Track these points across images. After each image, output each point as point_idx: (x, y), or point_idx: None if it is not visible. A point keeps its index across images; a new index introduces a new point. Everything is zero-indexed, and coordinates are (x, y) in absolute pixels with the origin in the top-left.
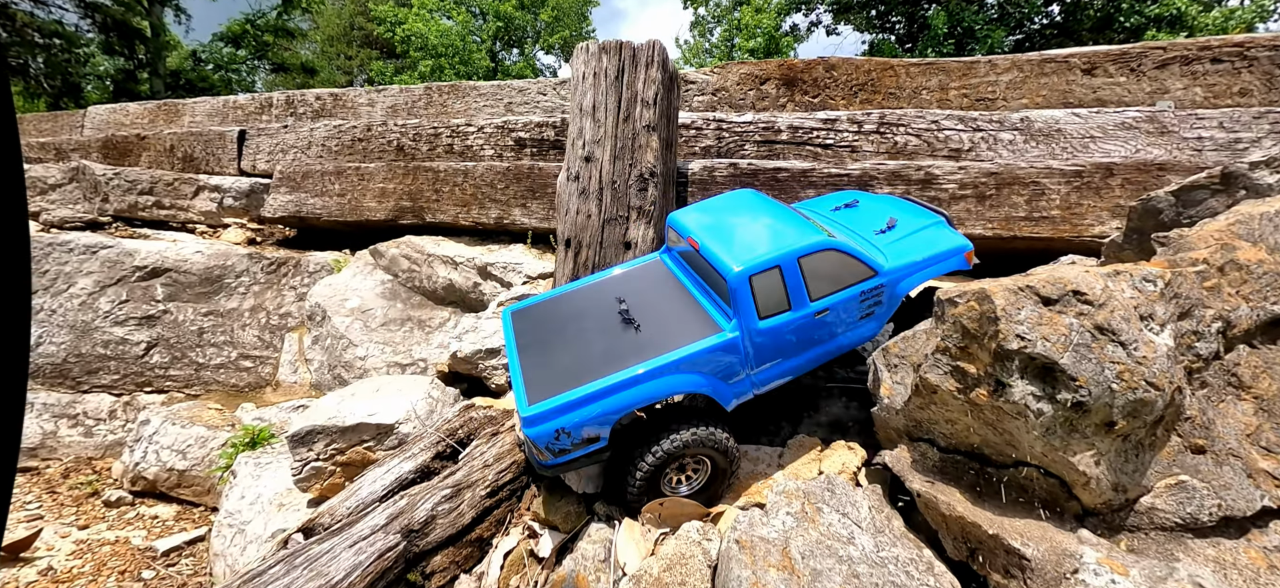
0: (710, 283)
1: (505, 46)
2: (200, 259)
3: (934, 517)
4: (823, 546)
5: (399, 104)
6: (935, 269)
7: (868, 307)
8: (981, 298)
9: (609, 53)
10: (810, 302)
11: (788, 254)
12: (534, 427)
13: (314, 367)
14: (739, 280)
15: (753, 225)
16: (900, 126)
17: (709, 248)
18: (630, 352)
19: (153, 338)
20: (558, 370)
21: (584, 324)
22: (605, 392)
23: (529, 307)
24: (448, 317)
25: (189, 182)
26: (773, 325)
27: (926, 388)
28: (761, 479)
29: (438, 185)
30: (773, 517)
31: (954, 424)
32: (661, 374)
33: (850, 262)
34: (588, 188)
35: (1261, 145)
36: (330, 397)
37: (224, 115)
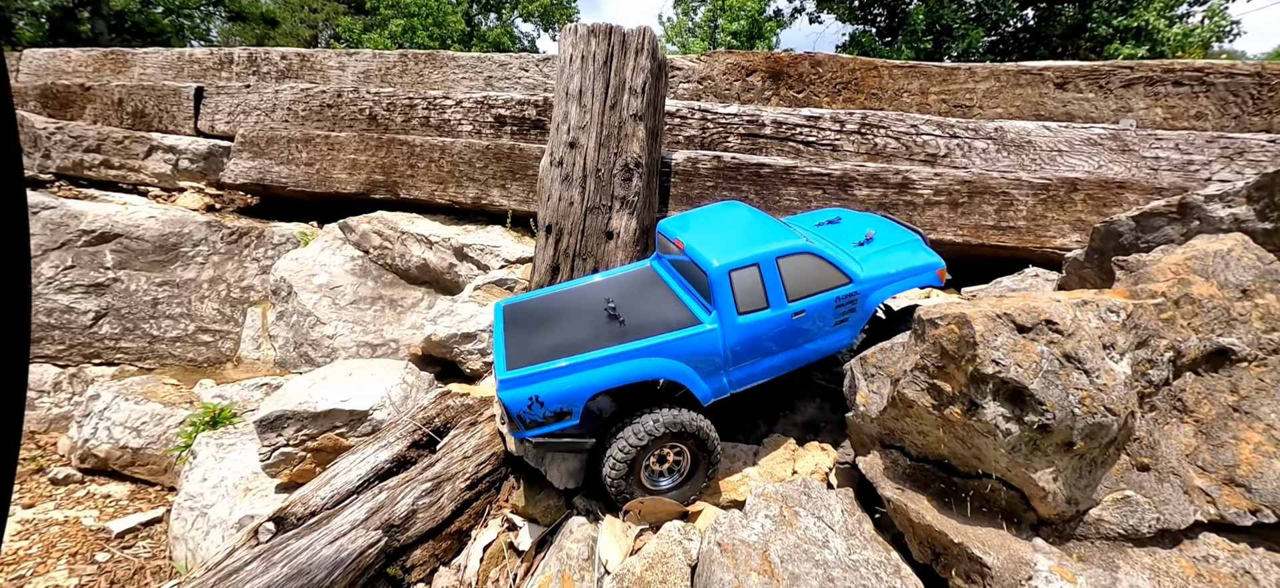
0: (694, 282)
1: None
2: (154, 225)
3: (902, 521)
4: (800, 549)
5: (372, 70)
6: (907, 283)
7: (842, 314)
8: (961, 322)
9: (598, 36)
10: (787, 303)
11: (767, 254)
12: (509, 390)
13: (278, 344)
14: (719, 274)
15: (736, 230)
16: (881, 129)
17: (693, 247)
18: (611, 339)
19: (102, 307)
20: (538, 348)
21: (571, 317)
22: (580, 366)
23: (521, 302)
24: (421, 297)
25: (141, 140)
26: (750, 322)
27: (903, 401)
28: (737, 475)
29: (413, 160)
30: (752, 519)
31: (925, 436)
32: (637, 356)
33: (826, 268)
34: (571, 174)
35: (1211, 168)
36: (300, 379)
37: (179, 69)
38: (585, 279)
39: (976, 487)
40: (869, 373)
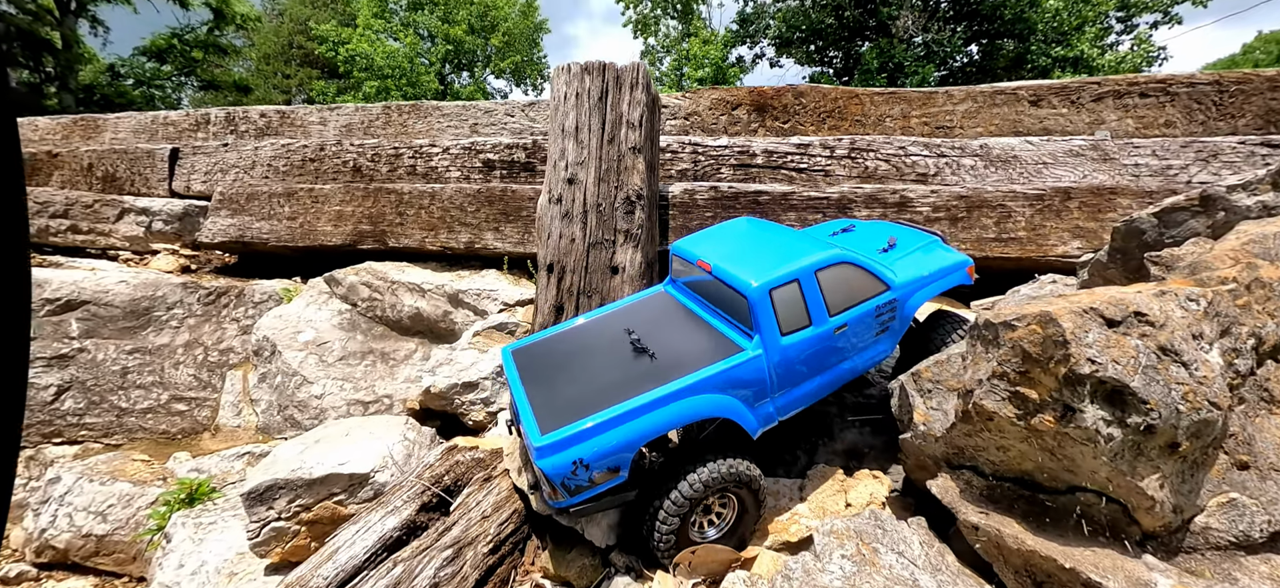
0: (725, 306)
1: (455, 70)
2: (125, 289)
3: (989, 549)
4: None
5: (355, 123)
6: (942, 283)
7: (882, 323)
8: (1045, 321)
9: (592, 73)
10: (829, 317)
11: (805, 268)
12: (548, 458)
13: (261, 408)
14: (760, 295)
15: (763, 246)
16: (870, 152)
17: (723, 269)
18: (647, 378)
19: (64, 381)
20: (570, 400)
21: (593, 357)
22: (626, 416)
23: (530, 344)
24: (414, 348)
25: (111, 204)
26: (795, 342)
27: (980, 414)
28: (785, 514)
29: (402, 208)
30: (827, 561)
31: (1006, 452)
32: (685, 396)
33: (864, 276)
34: (571, 211)
35: (1189, 171)
36: (291, 444)
37: (153, 132)
38: (596, 313)
39: (1067, 503)
40: (924, 389)
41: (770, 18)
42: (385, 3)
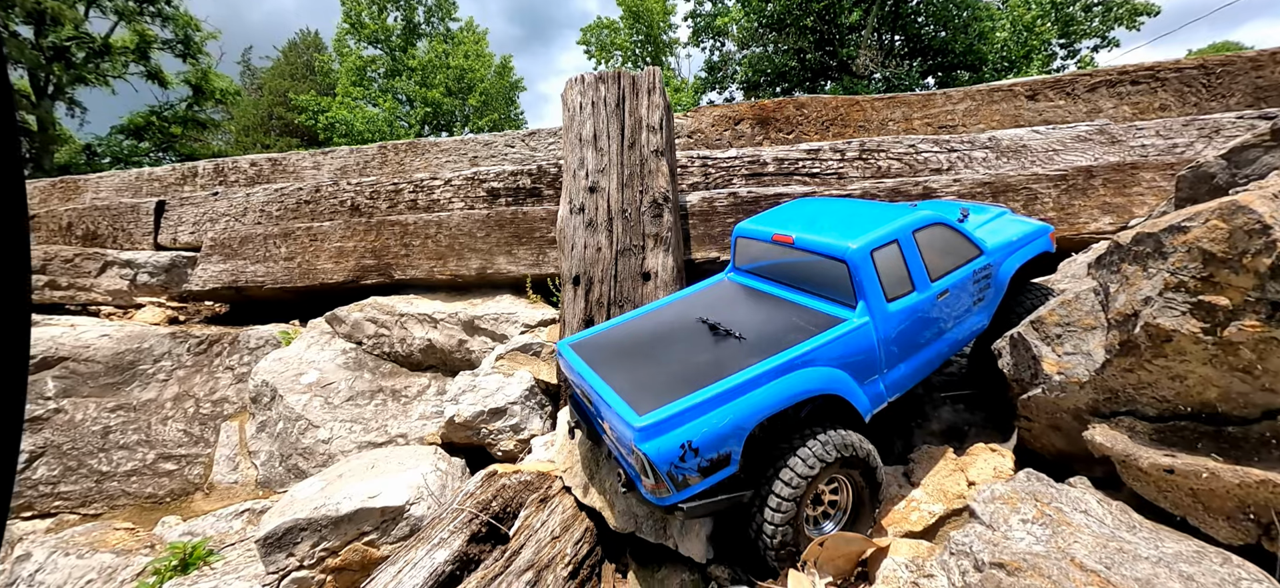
0: (813, 283)
1: (434, 130)
2: (107, 344)
3: (1180, 500)
4: (1110, 550)
5: (350, 164)
6: (1030, 249)
7: (980, 291)
8: (1230, 212)
9: (607, 82)
10: (930, 282)
11: (903, 228)
12: (653, 440)
13: (261, 459)
14: (861, 257)
15: (843, 215)
16: (880, 152)
17: (811, 239)
18: (744, 356)
19: (38, 446)
20: (664, 381)
21: (669, 344)
22: (734, 392)
23: (590, 337)
24: (427, 383)
25: (93, 257)
26: (900, 310)
27: (1154, 339)
28: (900, 502)
29: (407, 239)
30: (1006, 529)
31: (1184, 380)
32: (794, 368)
33: (959, 240)
34: (595, 219)
35: (1194, 147)
36: (309, 482)
37: (137, 189)
38: (652, 306)
39: (1263, 431)
40: (1051, 335)
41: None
42: (363, 71)
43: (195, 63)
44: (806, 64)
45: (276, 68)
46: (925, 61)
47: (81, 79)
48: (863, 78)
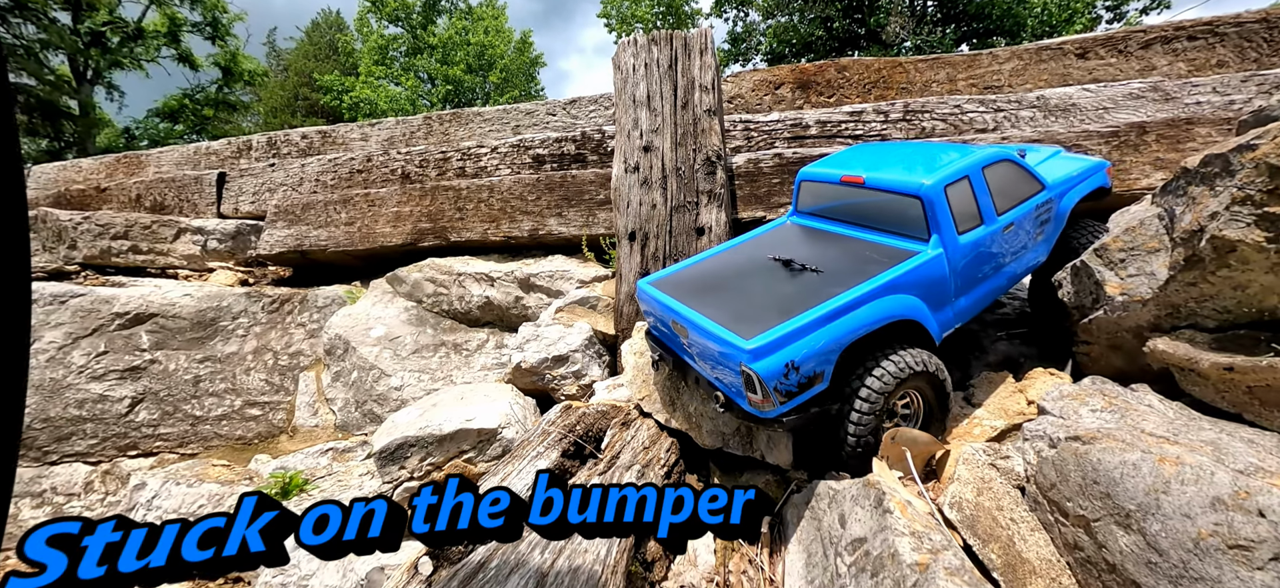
0: (882, 221)
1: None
2: (190, 302)
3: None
4: (1178, 425)
5: (396, 135)
6: (1088, 183)
7: (1041, 224)
8: None
9: (659, 43)
10: (997, 216)
11: (973, 164)
12: (762, 359)
13: (338, 406)
14: (935, 192)
15: (908, 155)
16: (924, 113)
17: (882, 178)
18: (826, 287)
19: (138, 392)
20: (757, 310)
21: (749, 279)
22: (828, 316)
23: (667, 277)
24: (486, 338)
25: (169, 224)
26: (971, 242)
27: (1219, 249)
28: (963, 420)
29: (461, 203)
30: (1077, 418)
31: (1244, 290)
32: (879, 296)
33: (1024, 174)
34: (649, 178)
35: (1252, 104)
36: (407, 411)
37: (196, 162)
38: (718, 249)
39: None
40: (1115, 260)
41: (761, 35)
42: (385, 50)
43: (223, 45)
44: (833, 33)
45: (301, 48)
46: (960, 28)
47: (117, 63)
48: (892, 46)
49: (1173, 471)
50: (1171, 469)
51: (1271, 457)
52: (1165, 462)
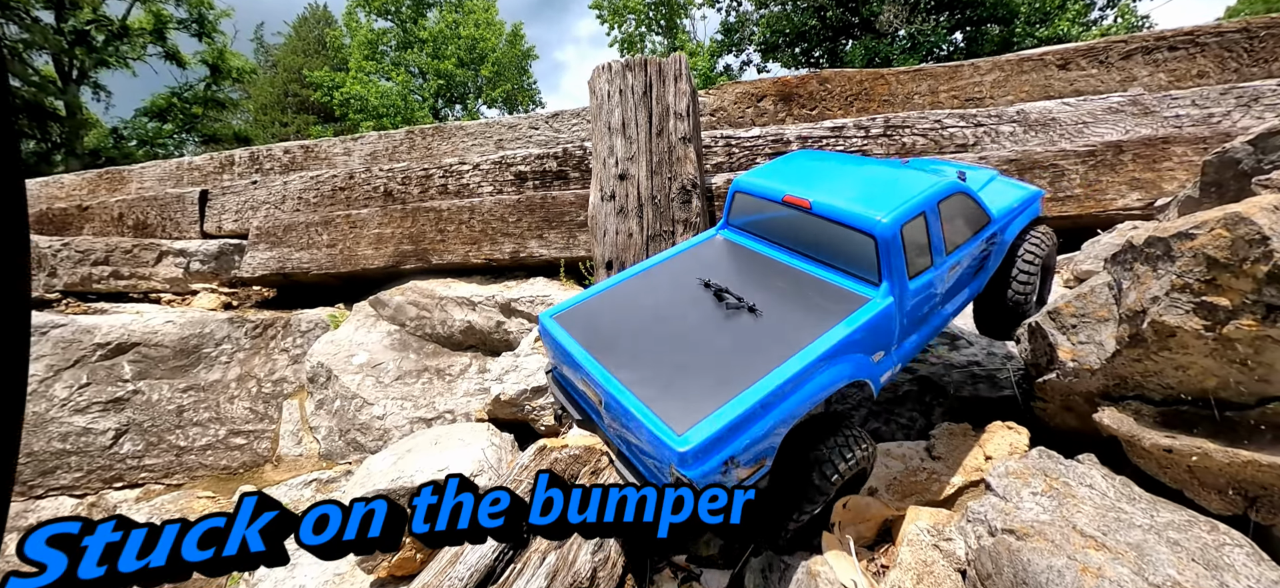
0: (826, 251)
1: (448, 103)
2: (172, 329)
3: (1178, 476)
4: (1109, 519)
5: (379, 150)
6: (1027, 214)
7: (982, 258)
8: (1233, 222)
9: (634, 69)
10: (947, 254)
11: (929, 198)
12: (699, 464)
13: (322, 434)
14: (891, 232)
15: (861, 176)
16: (905, 128)
17: (831, 206)
18: (766, 342)
19: (122, 424)
20: (687, 375)
21: (675, 317)
22: (777, 396)
23: (577, 307)
24: (469, 362)
25: (150, 248)
26: (921, 284)
27: (1160, 333)
28: (921, 474)
29: (442, 225)
30: (1016, 501)
31: (1185, 371)
32: (827, 364)
33: (974, 207)
34: (626, 206)
35: (1232, 118)
36: (381, 456)
37: (178, 178)
38: (644, 266)
39: (1257, 417)
40: (1067, 325)
41: (754, 25)
42: (375, 45)
43: (211, 42)
44: (827, 22)
45: (289, 44)
46: (953, 16)
47: (103, 62)
48: (886, 36)
49: (1093, 585)
50: (1092, 583)
51: (1191, 566)
52: (1087, 572)
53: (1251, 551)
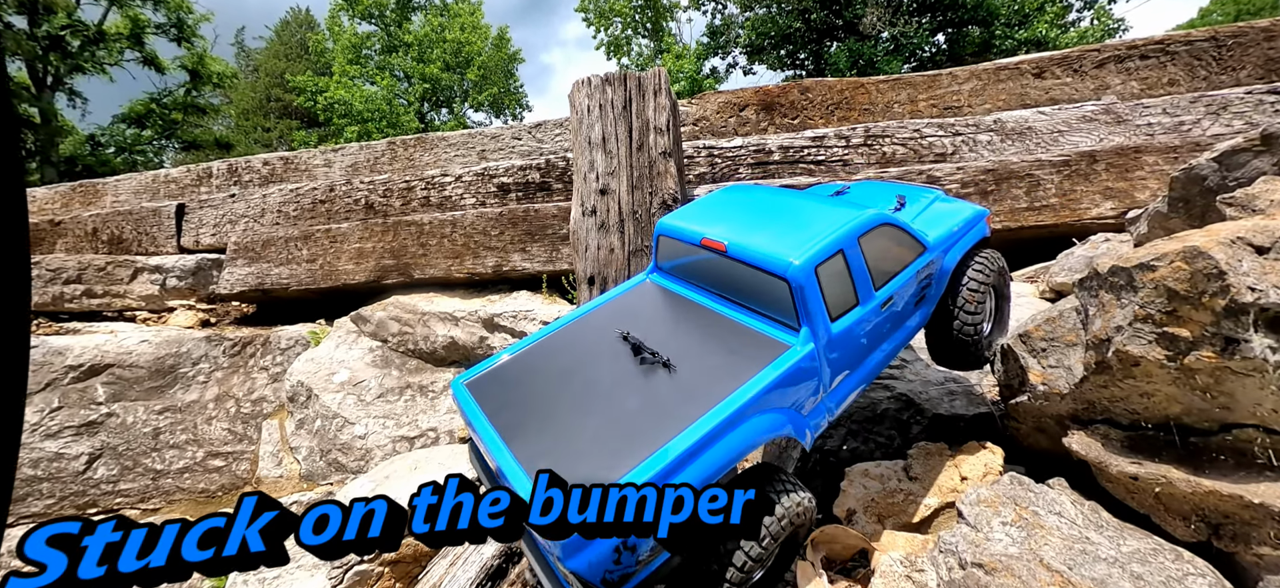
0: (747, 294)
1: (434, 107)
2: (147, 349)
3: (1146, 502)
4: (1077, 551)
5: (360, 162)
6: (969, 238)
7: (922, 290)
8: (1192, 255)
9: (613, 84)
10: (875, 290)
11: (848, 234)
12: (580, 553)
13: (302, 455)
14: (804, 275)
15: (781, 213)
16: (885, 137)
17: (746, 247)
18: (678, 400)
19: (96, 448)
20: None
21: (587, 377)
22: (678, 465)
23: (491, 371)
24: (452, 378)
25: (124, 265)
26: (846, 326)
27: (1123, 362)
28: (898, 496)
29: (424, 239)
30: (987, 531)
31: (1150, 397)
32: (740, 421)
33: (903, 237)
34: (607, 221)
35: (1202, 125)
36: (359, 482)
37: (154, 191)
38: (565, 319)
39: (1219, 443)
40: (1037, 349)
41: (739, 27)
42: (358, 49)
43: (190, 47)
44: (811, 25)
45: (271, 48)
46: (934, 17)
47: (79, 68)
48: (869, 38)
49: None
50: None
51: None
52: None
53: (1214, 580)
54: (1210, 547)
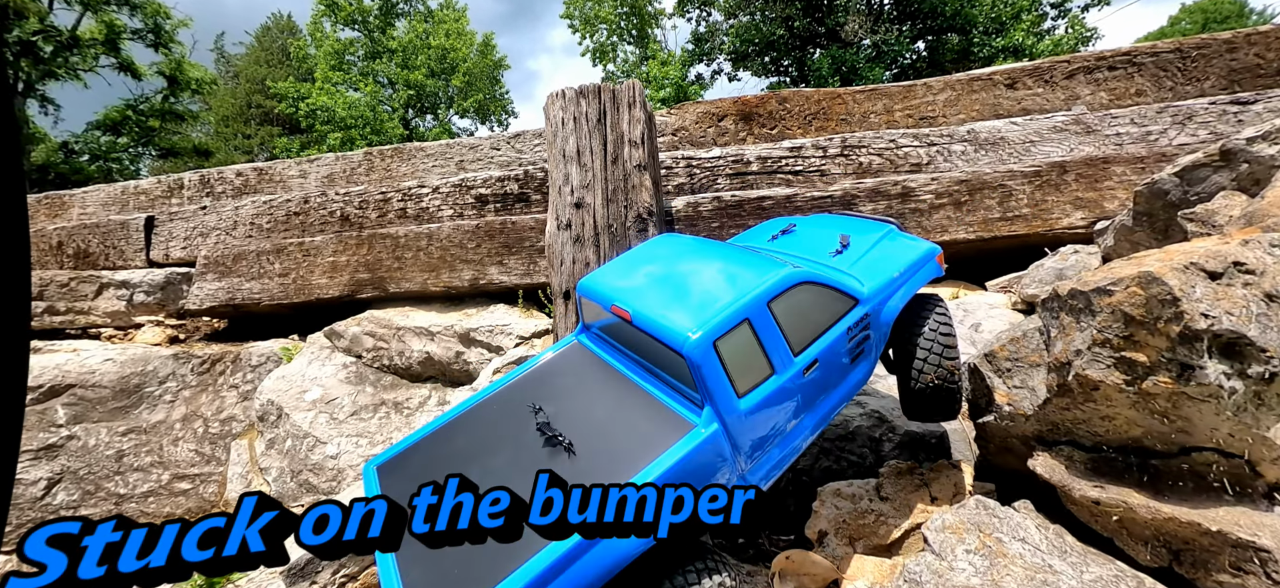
0: (656, 361)
1: (418, 113)
2: (112, 368)
3: (1108, 525)
4: (1037, 582)
5: (336, 172)
6: (916, 282)
7: (857, 345)
8: (1147, 281)
9: (588, 96)
10: (794, 357)
11: (754, 299)
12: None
13: (272, 476)
14: (701, 351)
15: (694, 274)
16: (862, 148)
17: (647, 316)
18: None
19: (55, 473)
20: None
21: (489, 464)
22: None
23: (404, 453)
24: (428, 394)
25: (89, 280)
26: (759, 400)
27: (1084, 385)
28: (870, 517)
29: (399, 252)
30: (951, 559)
31: (1110, 421)
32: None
33: (827, 293)
34: (582, 235)
35: (1168, 135)
36: None
37: (124, 203)
38: (491, 387)
39: (1178, 466)
40: (1002, 369)
41: (724, 34)
42: (341, 55)
43: (168, 53)
44: (795, 32)
45: (252, 54)
46: (914, 25)
47: (51, 74)
48: (851, 45)
49: None
50: None
51: None
52: None
53: None
54: (1172, 572)
